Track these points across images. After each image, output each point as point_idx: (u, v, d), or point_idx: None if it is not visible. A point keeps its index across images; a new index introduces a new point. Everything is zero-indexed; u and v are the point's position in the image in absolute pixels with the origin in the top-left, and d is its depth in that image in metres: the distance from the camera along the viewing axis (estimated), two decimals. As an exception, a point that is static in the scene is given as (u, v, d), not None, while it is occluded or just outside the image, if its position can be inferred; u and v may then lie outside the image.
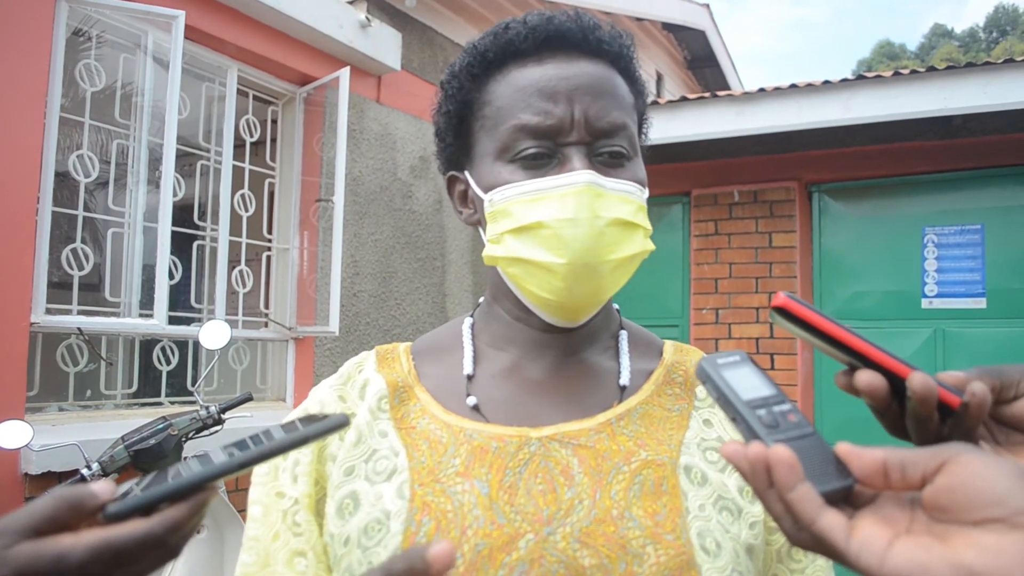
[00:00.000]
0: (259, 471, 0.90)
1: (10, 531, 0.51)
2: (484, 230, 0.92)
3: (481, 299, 1.01)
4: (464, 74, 0.91)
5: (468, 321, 0.99)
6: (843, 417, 5.08)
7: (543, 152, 0.85)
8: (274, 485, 0.89)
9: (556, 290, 0.85)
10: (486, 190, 0.88)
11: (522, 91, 0.86)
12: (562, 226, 0.82)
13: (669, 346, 0.99)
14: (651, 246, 0.89)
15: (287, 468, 0.89)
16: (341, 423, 0.60)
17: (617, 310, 1.01)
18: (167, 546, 0.54)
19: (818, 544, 0.49)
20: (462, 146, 0.94)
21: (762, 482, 0.50)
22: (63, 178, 3.58)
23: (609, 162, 0.86)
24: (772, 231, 5.46)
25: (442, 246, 5.50)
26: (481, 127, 0.90)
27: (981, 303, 4.97)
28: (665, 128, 5.18)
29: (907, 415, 0.57)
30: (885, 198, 5.30)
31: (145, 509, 0.53)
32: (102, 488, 0.54)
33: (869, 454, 0.49)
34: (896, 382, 0.56)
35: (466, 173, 0.93)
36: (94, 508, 0.53)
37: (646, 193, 0.90)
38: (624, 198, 0.85)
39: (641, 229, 0.88)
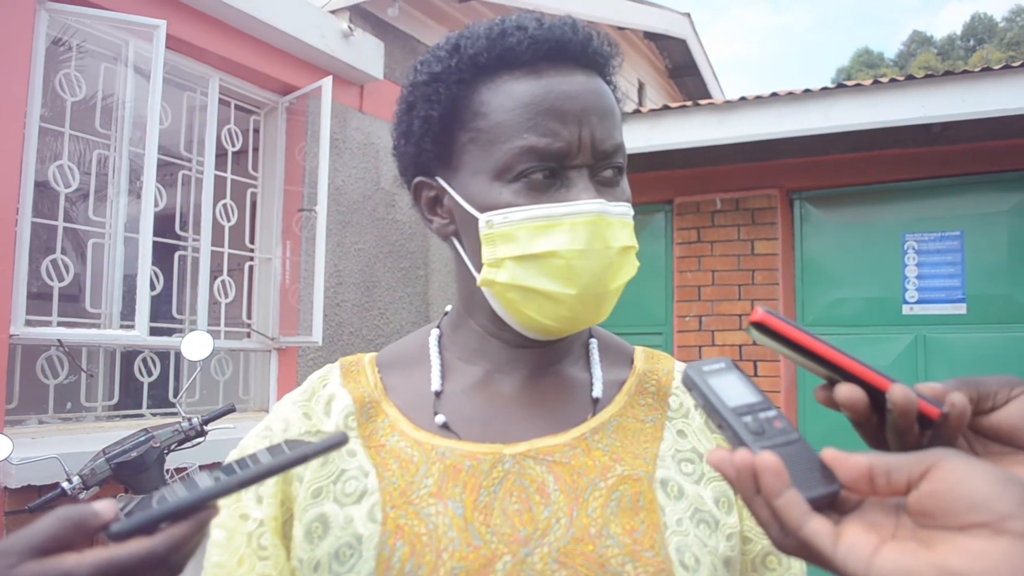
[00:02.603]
0: None
1: (15, 551, 0.51)
2: (462, 244, 0.89)
3: (448, 308, 0.98)
4: (451, 78, 0.85)
5: (435, 333, 0.95)
6: (827, 424, 5.10)
7: (548, 175, 0.81)
8: (237, 507, 0.84)
9: (560, 318, 0.83)
10: (481, 210, 0.83)
11: (527, 108, 0.81)
12: (574, 257, 0.80)
13: (640, 353, 0.97)
14: (638, 264, 0.88)
15: (251, 488, 0.84)
16: (341, 441, 0.60)
17: None
18: (169, 564, 0.54)
19: (804, 550, 0.49)
20: (441, 153, 0.88)
21: (749, 489, 0.50)
22: (43, 188, 3.55)
23: (608, 181, 0.84)
24: (754, 238, 5.49)
25: (425, 255, 5.50)
26: (471, 140, 0.84)
27: (961, 309, 5.01)
28: (647, 136, 5.20)
29: (887, 427, 0.57)
30: (865, 205, 5.34)
31: (148, 528, 0.54)
32: (105, 507, 0.54)
33: (854, 460, 0.49)
34: (876, 395, 0.56)
35: (439, 180, 0.88)
36: (97, 527, 0.54)
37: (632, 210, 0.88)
38: (625, 223, 0.84)
39: (634, 251, 0.87)
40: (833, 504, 0.51)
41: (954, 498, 0.45)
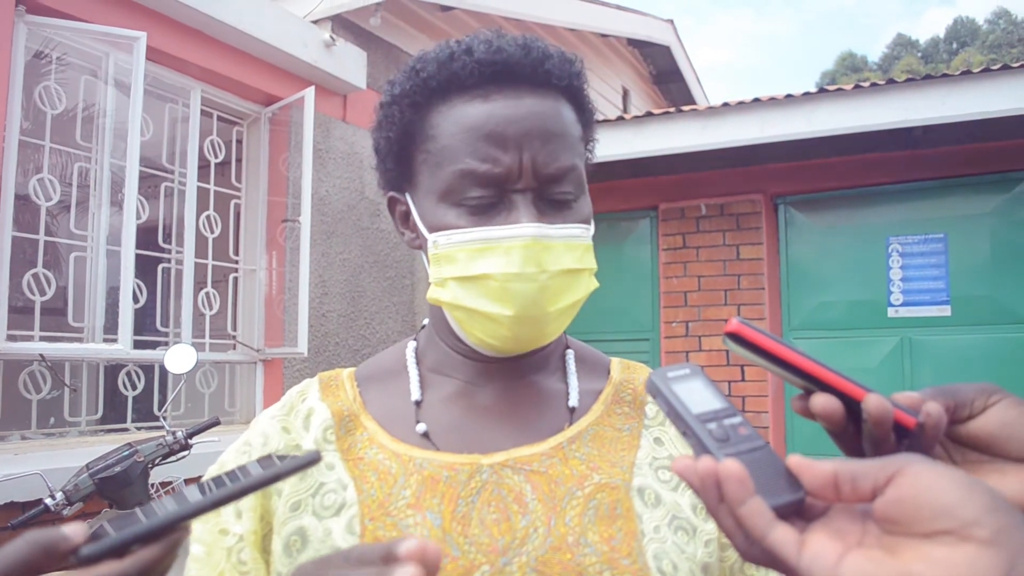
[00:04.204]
0: None
1: None
2: (427, 260, 0.89)
3: (425, 321, 0.98)
4: (405, 102, 0.87)
5: (412, 345, 0.96)
6: (814, 428, 5.09)
7: (489, 199, 0.82)
8: (217, 522, 0.85)
9: (502, 338, 0.84)
10: (430, 229, 0.85)
11: (469, 132, 0.82)
12: (508, 280, 0.81)
13: (616, 364, 0.98)
14: (595, 284, 0.88)
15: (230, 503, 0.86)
16: (314, 459, 0.60)
17: None
18: None
19: (769, 559, 0.48)
20: (403, 172, 0.90)
21: (713, 497, 0.50)
22: (24, 202, 3.53)
23: (556, 205, 0.84)
24: (739, 243, 5.50)
25: (411, 264, 5.49)
26: (424, 161, 0.86)
27: (946, 311, 5.04)
28: (632, 143, 5.21)
29: (863, 437, 0.57)
30: (849, 209, 5.37)
31: (118, 550, 0.53)
32: (74, 531, 0.53)
33: (820, 466, 0.49)
34: (851, 404, 0.56)
35: (407, 196, 0.90)
36: (67, 551, 0.53)
37: (592, 229, 0.88)
38: (570, 244, 0.83)
39: (586, 272, 0.86)
40: (799, 511, 0.50)
41: (919, 505, 0.44)
